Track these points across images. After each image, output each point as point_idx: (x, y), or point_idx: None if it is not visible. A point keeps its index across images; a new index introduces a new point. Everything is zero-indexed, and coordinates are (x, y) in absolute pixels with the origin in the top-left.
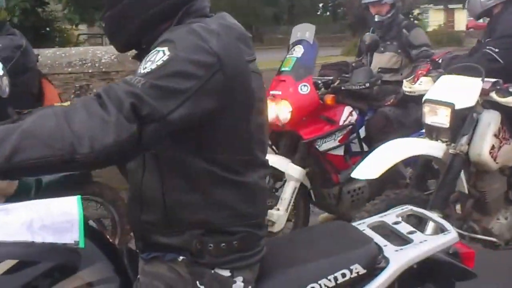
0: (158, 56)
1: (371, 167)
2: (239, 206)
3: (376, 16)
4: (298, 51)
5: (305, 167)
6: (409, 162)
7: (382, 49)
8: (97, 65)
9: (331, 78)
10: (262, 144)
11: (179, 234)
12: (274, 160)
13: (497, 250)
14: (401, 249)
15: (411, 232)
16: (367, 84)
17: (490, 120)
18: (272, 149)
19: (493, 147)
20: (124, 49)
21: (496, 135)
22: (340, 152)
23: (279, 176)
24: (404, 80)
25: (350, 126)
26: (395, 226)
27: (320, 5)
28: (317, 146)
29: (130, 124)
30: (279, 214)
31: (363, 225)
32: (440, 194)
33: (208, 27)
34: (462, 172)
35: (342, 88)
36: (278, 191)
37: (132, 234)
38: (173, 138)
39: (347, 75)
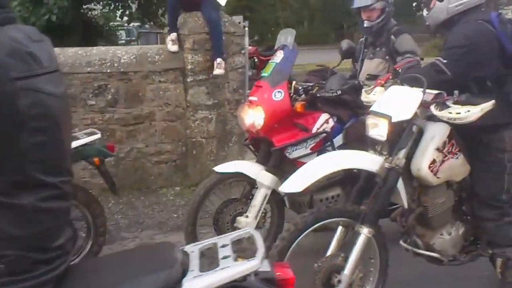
0: None
1: (298, 180)
2: (8, 228)
3: (365, 21)
4: (279, 56)
5: (279, 174)
6: None
7: (371, 55)
8: (115, 65)
9: (311, 84)
10: (42, 163)
11: None
12: (246, 167)
13: (441, 266)
14: (201, 275)
15: (224, 257)
16: (339, 92)
17: (434, 134)
18: (255, 155)
19: (434, 162)
20: None
21: (439, 149)
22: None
23: (255, 183)
24: (363, 90)
25: (324, 134)
26: (220, 249)
27: (414, 4)
28: (287, 153)
29: None
30: (247, 221)
31: (195, 247)
32: (373, 208)
33: None
34: (402, 186)
35: (318, 95)
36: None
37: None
38: None
39: (323, 82)
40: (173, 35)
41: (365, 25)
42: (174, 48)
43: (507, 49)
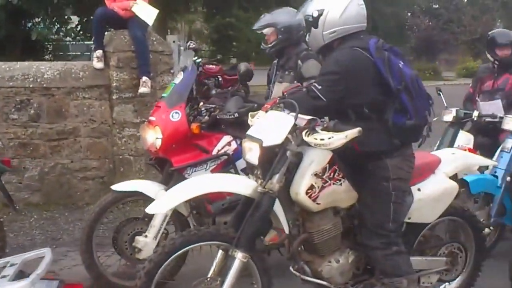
0: None
1: (164, 201)
2: None
3: (262, 44)
4: (179, 77)
5: None
6: None
7: (280, 78)
8: (38, 80)
9: (213, 106)
10: None
11: None
12: (145, 186)
13: None
14: None
15: (3, 277)
16: (236, 114)
17: (313, 159)
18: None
19: (312, 188)
20: None
21: (317, 175)
22: None
23: None
24: (249, 114)
25: (225, 156)
26: (6, 268)
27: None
28: (186, 175)
29: None
30: (146, 241)
31: None
32: (245, 233)
33: None
34: (281, 210)
35: (217, 117)
36: None
37: None
38: None
39: (223, 104)
40: (99, 52)
41: (261, 47)
42: (99, 65)
43: (384, 77)
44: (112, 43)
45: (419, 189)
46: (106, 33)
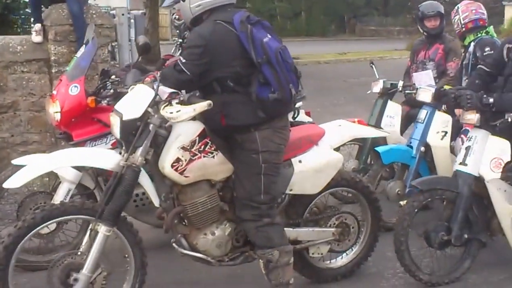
0: None
1: (21, 175)
2: None
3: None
4: (81, 51)
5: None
6: None
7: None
8: None
9: (117, 79)
10: None
11: None
12: None
13: (212, 266)
14: None
15: None
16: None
17: (180, 133)
18: None
19: (178, 161)
20: None
21: (185, 148)
22: None
23: None
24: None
25: None
26: None
27: None
28: None
29: None
30: None
31: None
32: (110, 207)
33: None
34: (149, 184)
35: (118, 90)
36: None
37: None
38: None
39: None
40: (37, 26)
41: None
42: (37, 39)
43: (247, 50)
44: (50, 16)
45: (300, 161)
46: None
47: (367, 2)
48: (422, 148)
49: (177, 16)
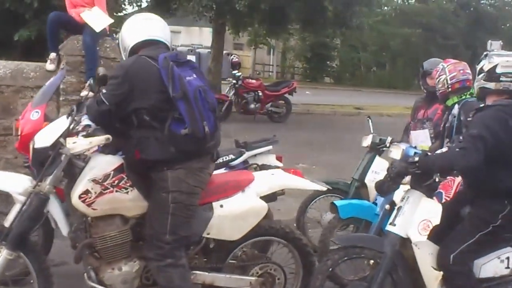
0: None
1: None
2: None
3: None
4: (49, 80)
5: None
6: None
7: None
8: None
9: None
10: None
11: None
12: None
13: None
14: None
15: None
16: None
17: (95, 165)
18: None
19: (87, 192)
20: None
21: (96, 181)
22: None
23: None
24: None
25: None
26: None
27: None
28: None
29: None
30: None
31: None
32: (15, 231)
33: None
34: (60, 212)
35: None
36: None
37: None
38: None
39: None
40: (52, 55)
41: None
42: (51, 67)
43: (165, 84)
44: (65, 47)
45: (221, 205)
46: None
47: (453, 57)
48: (387, 206)
49: (234, 58)
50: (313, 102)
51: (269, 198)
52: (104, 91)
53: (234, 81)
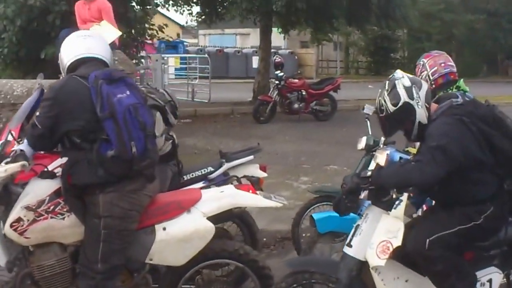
0: None
1: None
2: None
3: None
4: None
5: None
6: None
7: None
8: (8, 96)
9: None
10: None
11: None
12: None
13: None
14: None
15: None
16: None
17: (30, 191)
18: None
19: (19, 220)
20: None
21: (30, 207)
22: None
23: None
24: None
25: None
26: None
27: None
28: None
29: None
30: None
31: None
32: None
33: None
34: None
35: None
36: None
37: None
38: None
39: None
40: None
41: None
42: None
43: (93, 104)
44: None
45: (164, 228)
46: None
47: None
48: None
49: (277, 59)
50: (368, 97)
51: (221, 217)
52: (37, 114)
53: (277, 82)
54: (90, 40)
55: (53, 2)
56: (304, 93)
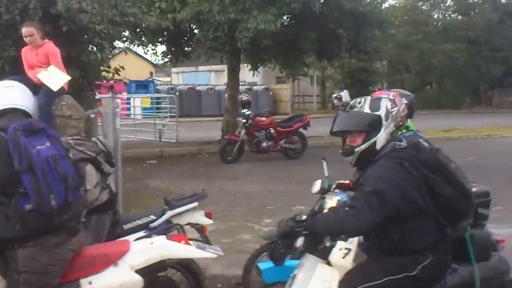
0: None
1: None
2: None
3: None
4: None
5: None
6: None
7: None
8: None
9: None
10: None
11: None
12: None
13: None
14: None
15: None
16: None
17: None
18: None
19: None
20: None
21: None
22: None
23: None
24: None
25: None
26: None
27: None
28: None
29: None
30: None
31: None
32: None
33: None
34: None
35: None
36: None
37: None
38: None
39: None
40: None
41: None
42: None
43: (11, 156)
44: None
45: (90, 283)
46: None
47: (506, 72)
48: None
49: (244, 97)
50: None
51: (155, 268)
52: None
53: (244, 120)
54: (13, 91)
55: (2, 47)
56: (272, 131)
